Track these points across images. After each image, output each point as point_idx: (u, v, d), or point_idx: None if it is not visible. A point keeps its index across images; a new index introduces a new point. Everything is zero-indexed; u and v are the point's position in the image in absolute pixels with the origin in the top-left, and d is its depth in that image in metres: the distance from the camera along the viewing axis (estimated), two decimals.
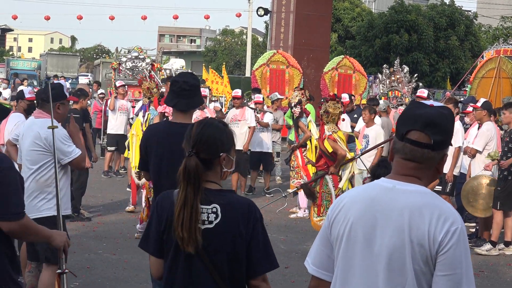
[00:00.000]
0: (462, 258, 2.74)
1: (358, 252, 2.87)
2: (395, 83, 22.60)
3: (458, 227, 2.75)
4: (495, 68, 23.82)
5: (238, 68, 63.77)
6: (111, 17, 56.57)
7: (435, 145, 2.84)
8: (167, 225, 3.59)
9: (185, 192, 3.49)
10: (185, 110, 5.65)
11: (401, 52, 39.36)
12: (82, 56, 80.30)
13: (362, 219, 2.87)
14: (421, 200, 2.80)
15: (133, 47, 23.41)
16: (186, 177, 3.51)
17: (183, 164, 3.54)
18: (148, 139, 5.72)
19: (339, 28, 46.07)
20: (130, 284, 8.38)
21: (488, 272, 9.77)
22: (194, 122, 3.77)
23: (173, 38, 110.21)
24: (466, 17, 44.74)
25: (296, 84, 23.76)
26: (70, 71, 51.44)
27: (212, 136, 3.59)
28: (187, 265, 3.56)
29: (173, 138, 5.26)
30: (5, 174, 4.06)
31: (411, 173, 2.87)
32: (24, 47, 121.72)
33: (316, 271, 3.05)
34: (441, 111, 2.87)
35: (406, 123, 2.89)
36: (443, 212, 2.77)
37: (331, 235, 2.99)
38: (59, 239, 4.43)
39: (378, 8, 58.97)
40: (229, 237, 3.53)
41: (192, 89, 5.63)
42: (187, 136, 3.63)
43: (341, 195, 3.06)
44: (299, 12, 25.78)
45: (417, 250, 2.74)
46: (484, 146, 11.32)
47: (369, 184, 3.02)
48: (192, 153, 3.54)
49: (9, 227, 4.06)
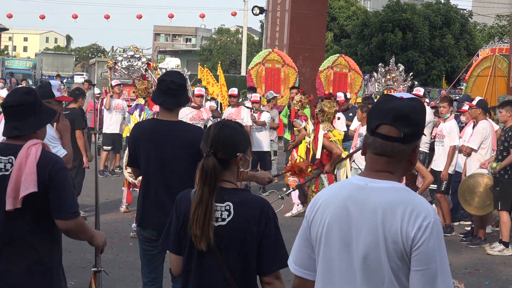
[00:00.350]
0: (435, 252, 2.72)
1: (336, 253, 2.86)
2: (390, 81, 22.62)
3: (431, 221, 2.73)
4: (490, 66, 23.86)
5: (233, 67, 63.75)
6: (106, 16, 56.51)
7: (405, 138, 2.82)
8: (183, 223, 3.71)
9: (201, 191, 3.61)
10: (171, 108, 5.79)
11: (396, 51, 39.37)
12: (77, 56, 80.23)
13: (337, 219, 2.87)
14: (393, 197, 2.78)
15: (129, 46, 23.38)
16: (203, 176, 3.62)
17: (200, 163, 3.66)
18: (135, 137, 5.88)
19: (334, 27, 46.09)
20: (126, 283, 8.38)
21: (483, 271, 9.78)
22: (211, 124, 3.87)
23: (169, 37, 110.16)
24: (462, 15, 44.81)
25: (292, 83, 23.74)
26: (66, 70, 51.37)
27: (229, 136, 3.71)
28: (199, 261, 3.67)
29: (160, 135, 5.66)
30: (63, 174, 4.24)
31: (383, 168, 2.86)
32: (19, 47, 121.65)
33: (298, 270, 3.05)
34: (411, 103, 2.85)
35: (376, 118, 2.87)
36: (415, 208, 2.75)
37: (310, 236, 2.99)
38: (100, 239, 4.64)
39: (373, 7, 59.02)
40: (240, 234, 3.63)
41: (179, 89, 5.77)
42: (205, 136, 3.75)
43: (317, 195, 3.04)
44: (295, 11, 25.77)
45: (392, 248, 2.73)
46: (480, 144, 11.33)
47: (343, 183, 3.01)
48: (210, 153, 3.66)
49: (67, 225, 4.24)
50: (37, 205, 4.17)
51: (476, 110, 11.54)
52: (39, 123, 4.36)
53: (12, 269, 4.20)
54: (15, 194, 4.10)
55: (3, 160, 4.22)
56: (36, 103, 4.35)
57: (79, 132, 11.74)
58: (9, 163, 4.21)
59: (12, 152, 4.21)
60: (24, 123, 4.27)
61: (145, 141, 5.75)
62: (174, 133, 5.73)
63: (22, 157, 4.13)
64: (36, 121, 4.33)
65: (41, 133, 4.41)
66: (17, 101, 4.28)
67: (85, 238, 4.53)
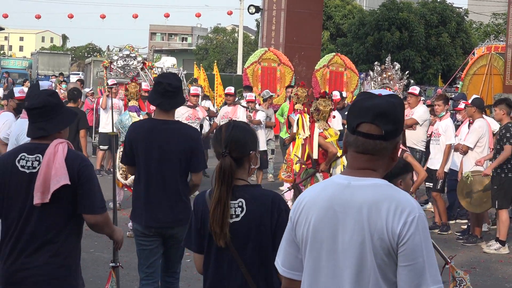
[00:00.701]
0: (422, 246, 2.72)
1: (323, 253, 2.86)
2: (386, 80, 22.59)
3: (415, 216, 2.74)
4: (486, 65, 23.90)
5: (229, 66, 63.77)
6: (102, 15, 56.49)
7: (386, 135, 2.82)
8: (201, 222, 3.94)
9: (219, 190, 3.79)
10: (169, 110, 6.05)
11: (392, 50, 39.39)
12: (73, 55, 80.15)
13: (323, 220, 2.87)
14: (377, 194, 2.79)
15: (125, 46, 23.34)
16: (221, 176, 3.82)
17: (218, 164, 3.85)
18: (132, 136, 6.08)
19: (330, 26, 46.13)
20: (122, 282, 8.32)
21: (480, 269, 9.79)
22: (221, 125, 4.07)
23: (165, 36, 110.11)
24: (457, 14, 44.86)
25: (288, 82, 23.74)
26: (62, 70, 51.31)
27: (242, 136, 3.94)
28: (218, 258, 3.89)
29: (158, 134, 5.93)
30: (91, 170, 4.48)
31: (365, 166, 2.86)
32: (15, 46, 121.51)
33: (287, 272, 3.05)
34: (390, 100, 2.86)
35: (357, 116, 2.87)
36: (400, 204, 2.75)
37: (296, 237, 2.99)
38: (119, 234, 4.88)
39: (369, 6, 59.04)
40: (254, 228, 3.81)
41: (175, 91, 6.01)
42: (216, 138, 3.96)
43: (300, 195, 3.04)
44: (290, 10, 25.78)
45: (378, 245, 2.74)
46: (476, 143, 11.33)
47: (325, 182, 3.00)
48: (226, 153, 3.86)
49: (96, 219, 4.48)
50: (63, 201, 4.37)
51: (471, 109, 11.54)
52: (62, 123, 4.55)
53: (33, 261, 4.37)
54: (43, 189, 4.29)
55: (30, 159, 4.41)
56: (59, 105, 4.56)
57: (83, 132, 11.94)
58: (36, 161, 4.39)
59: (38, 150, 4.40)
60: (49, 124, 4.46)
61: (143, 140, 5.97)
62: (171, 132, 5.96)
63: (50, 154, 4.33)
64: (60, 122, 4.52)
65: (65, 132, 4.60)
66: (41, 103, 4.47)
67: (108, 232, 4.76)
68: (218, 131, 3.98)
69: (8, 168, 4.43)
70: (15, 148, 4.71)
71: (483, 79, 23.72)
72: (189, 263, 9.22)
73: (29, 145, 4.55)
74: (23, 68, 51.47)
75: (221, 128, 3.99)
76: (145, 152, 5.96)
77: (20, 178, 4.40)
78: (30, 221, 4.38)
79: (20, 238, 4.40)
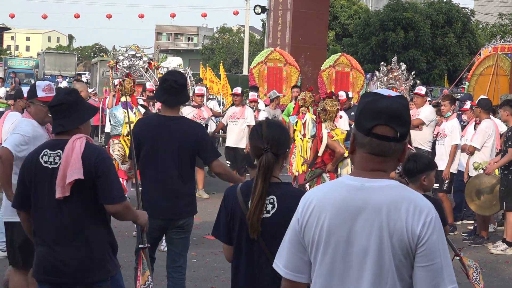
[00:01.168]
0: (439, 246, 2.76)
1: (338, 255, 2.85)
2: (392, 80, 22.58)
3: (433, 216, 2.77)
4: (492, 65, 23.82)
5: (235, 66, 63.80)
6: (108, 15, 56.58)
7: (401, 137, 2.86)
8: (231, 215, 4.11)
9: (262, 186, 3.96)
10: (173, 106, 6.30)
11: (398, 50, 39.35)
12: (79, 55, 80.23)
13: (337, 222, 2.85)
14: (394, 195, 2.80)
15: (130, 46, 23.35)
16: (265, 171, 3.99)
17: (261, 160, 4.02)
18: (139, 132, 6.27)
19: (336, 26, 46.12)
20: (129, 282, 8.36)
21: (486, 270, 9.76)
22: (260, 121, 4.24)
23: (171, 36, 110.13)
24: (464, 14, 44.80)
25: (294, 82, 23.73)
26: (68, 69, 51.39)
27: (282, 134, 4.14)
28: (249, 249, 4.08)
29: (165, 129, 6.17)
30: (108, 162, 4.74)
31: (378, 167, 2.88)
32: (22, 46, 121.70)
33: (291, 274, 3.01)
34: (401, 102, 2.89)
35: (370, 118, 2.87)
36: (417, 204, 2.78)
37: (304, 239, 2.96)
38: (143, 218, 5.11)
39: (375, 6, 58.99)
40: (283, 224, 3.83)
41: (180, 88, 6.24)
42: (257, 134, 4.12)
43: (307, 196, 3.02)
44: (296, 10, 25.75)
45: (397, 246, 2.75)
46: (483, 143, 11.31)
47: (334, 183, 2.99)
48: (268, 149, 4.03)
49: (116, 209, 4.73)
50: (85, 193, 4.64)
51: (476, 109, 11.53)
52: (80, 119, 4.81)
53: (63, 252, 4.67)
54: (63, 183, 4.56)
55: (52, 154, 4.71)
56: (77, 102, 4.83)
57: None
58: (58, 156, 4.69)
59: (59, 146, 4.70)
60: (67, 120, 4.74)
61: (151, 136, 6.20)
62: (178, 127, 6.20)
63: (68, 149, 4.61)
64: (77, 118, 4.78)
65: (85, 128, 4.85)
66: (60, 101, 4.78)
67: (131, 219, 5.06)
68: (259, 127, 4.15)
69: (33, 164, 4.73)
70: (41, 144, 5.01)
71: (490, 80, 23.65)
72: (196, 263, 9.24)
73: (52, 141, 4.89)
74: (30, 68, 51.50)
75: (261, 124, 4.16)
76: (152, 148, 6.18)
77: (44, 173, 4.69)
78: (57, 214, 4.65)
79: (50, 230, 4.68)
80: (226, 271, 8.44)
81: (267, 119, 4.29)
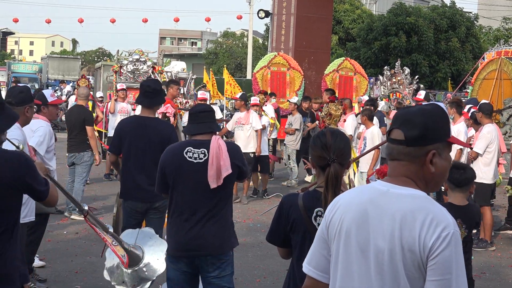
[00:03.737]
0: (452, 263, 2.68)
1: (354, 257, 2.85)
2: (396, 84, 22.60)
3: (450, 232, 2.70)
4: (496, 69, 23.82)
5: (239, 71, 63.79)
6: (112, 20, 56.67)
7: (408, 141, 2.82)
8: (292, 226, 4.22)
9: (333, 197, 3.75)
10: (148, 107, 7.49)
11: (400, 54, 39.35)
12: (83, 59, 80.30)
13: (356, 222, 2.86)
14: (413, 204, 2.76)
15: (134, 50, 23.40)
16: (334, 182, 3.98)
17: (329, 171, 4.01)
18: (121, 130, 7.52)
19: (339, 30, 46.13)
20: None
21: (489, 274, 9.76)
22: (323, 131, 4.27)
23: (174, 40, 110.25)
24: (467, 18, 44.77)
25: (297, 86, 23.77)
26: (71, 74, 51.39)
27: (345, 145, 4.15)
28: None
29: (139, 129, 7.36)
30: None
31: (400, 173, 2.86)
32: (26, 50, 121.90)
33: (314, 272, 3.04)
34: (423, 108, 2.88)
35: (392, 123, 2.96)
36: (436, 217, 2.72)
37: (328, 236, 2.97)
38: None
39: (378, 10, 59.00)
40: None
41: (153, 92, 7.45)
42: (321, 144, 4.11)
43: (337, 197, 3.05)
44: (300, 14, 25.78)
45: (408, 256, 2.71)
46: (485, 148, 11.30)
47: (366, 187, 2.99)
48: (334, 160, 4.03)
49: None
50: (225, 182, 5.57)
51: (477, 114, 11.53)
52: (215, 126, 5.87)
53: (206, 229, 5.53)
54: (217, 175, 5.48)
55: (197, 151, 5.60)
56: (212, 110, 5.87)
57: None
58: (202, 153, 5.59)
59: (204, 146, 5.61)
60: (213, 124, 5.81)
61: (130, 134, 7.38)
62: (150, 125, 7.39)
63: (214, 148, 5.52)
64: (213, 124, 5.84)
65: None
66: (206, 108, 5.85)
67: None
68: (322, 136, 4.13)
69: (178, 158, 5.61)
70: (181, 142, 6.00)
71: (493, 84, 23.65)
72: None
73: (194, 141, 5.70)
74: (34, 72, 51.50)
75: (325, 134, 4.13)
76: (131, 143, 7.35)
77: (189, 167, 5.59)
78: (205, 199, 5.58)
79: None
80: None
81: (329, 128, 4.27)
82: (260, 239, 11.08)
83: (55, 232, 10.91)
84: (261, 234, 11.53)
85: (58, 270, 8.95)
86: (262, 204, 14.51)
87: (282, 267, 9.42)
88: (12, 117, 4.59)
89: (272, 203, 14.66)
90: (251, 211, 13.68)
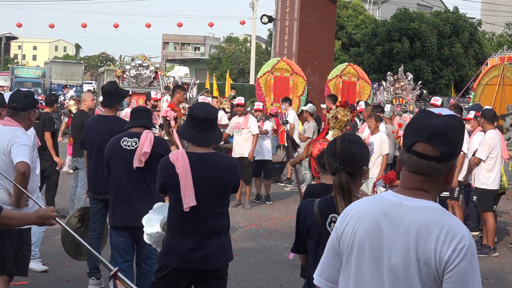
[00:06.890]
0: (468, 276, 2.66)
1: (367, 269, 2.80)
2: (399, 90, 22.58)
3: (466, 244, 2.67)
4: (499, 75, 23.81)
5: (242, 76, 63.83)
6: (115, 25, 56.66)
7: (442, 157, 2.74)
8: (308, 232, 4.22)
9: (343, 207, 3.73)
10: (106, 106, 8.55)
11: (403, 60, 39.35)
12: (86, 64, 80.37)
13: (369, 235, 2.80)
14: (428, 216, 2.72)
15: (137, 55, 23.46)
16: (340, 192, 3.88)
17: (335, 181, 3.93)
18: (88, 126, 8.49)
19: (342, 36, 46.14)
20: None
21: (492, 280, 9.76)
22: (335, 138, 4.22)
23: (177, 45, 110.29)
24: (470, 24, 44.74)
25: (300, 92, 23.77)
26: (75, 79, 51.50)
27: (357, 151, 4.02)
28: None
29: (99, 126, 8.30)
30: None
31: (418, 186, 2.79)
32: (29, 55, 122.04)
33: (325, 284, 3.00)
34: (449, 121, 2.77)
35: (413, 134, 2.80)
36: (451, 229, 2.68)
37: (339, 248, 2.92)
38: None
39: (382, 16, 59.04)
40: None
41: (108, 93, 8.41)
42: (330, 151, 4.04)
43: (347, 207, 2.98)
44: (303, 19, 25.77)
45: (424, 269, 2.67)
46: (488, 154, 11.30)
47: (376, 198, 2.94)
48: (340, 169, 3.92)
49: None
50: (150, 165, 6.71)
51: (480, 120, 11.54)
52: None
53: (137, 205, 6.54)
54: (140, 158, 6.57)
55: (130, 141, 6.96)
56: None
57: (48, 134, 12.22)
58: (134, 142, 6.97)
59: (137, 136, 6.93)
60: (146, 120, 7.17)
61: (92, 130, 8.33)
62: (107, 122, 8.27)
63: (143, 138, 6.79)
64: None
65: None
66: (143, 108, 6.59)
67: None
68: (333, 144, 4.07)
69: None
70: (120, 134, 7.02)
71: (496, 90, 23.64)
72: None
73: (128, 133, 6.61)
74: (37, 77, 51.60)
75: (336, 141, 4.06)
76: (92, 139, 8.23)
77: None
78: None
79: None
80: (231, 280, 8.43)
81: (347, 135, 4.19)
82: (263, 244, 11.08)
83: (58, 237, 10.89)
84: (263, 239, 11.53)
85: (61, 274, 8.96)
86: (264, 209, 14.51)
87: (284, 272, 9.42)
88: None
89: (274, 208, 14.66)
90: (254, 216, 13.69)
